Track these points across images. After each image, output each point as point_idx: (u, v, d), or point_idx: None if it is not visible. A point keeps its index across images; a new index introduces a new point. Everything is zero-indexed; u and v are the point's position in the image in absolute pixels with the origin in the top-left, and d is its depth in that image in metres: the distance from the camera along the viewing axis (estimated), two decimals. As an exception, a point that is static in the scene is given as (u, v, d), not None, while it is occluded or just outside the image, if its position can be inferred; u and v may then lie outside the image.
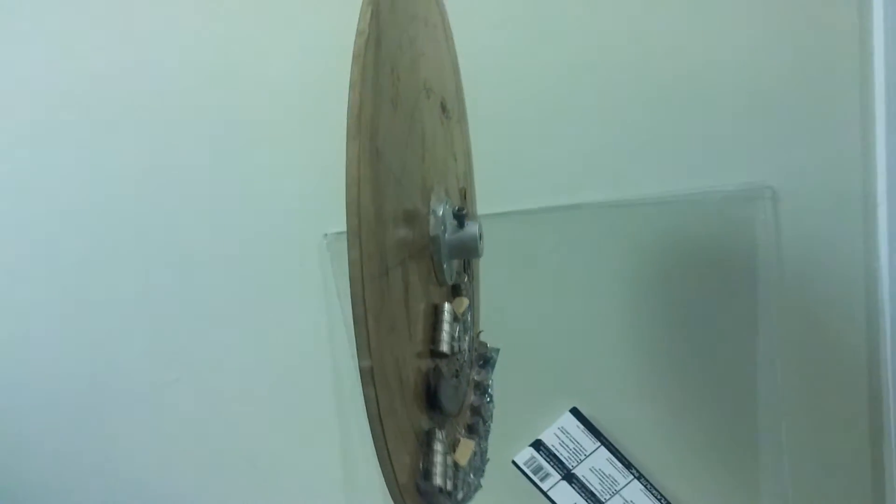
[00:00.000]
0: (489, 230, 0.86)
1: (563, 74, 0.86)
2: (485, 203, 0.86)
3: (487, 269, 0.87)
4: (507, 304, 0.89)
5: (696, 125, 0.85)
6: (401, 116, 0.47)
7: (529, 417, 0.92)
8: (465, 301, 0.57)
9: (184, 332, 0.96)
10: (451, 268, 0.55)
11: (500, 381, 0.72)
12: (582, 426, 0.92)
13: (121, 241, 0.94)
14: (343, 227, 0.90)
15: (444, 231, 0.53)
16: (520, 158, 0.88)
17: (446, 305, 0.52)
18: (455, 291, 0.60)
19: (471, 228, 0.54)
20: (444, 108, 0.60)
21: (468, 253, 0.54)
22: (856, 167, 0.83)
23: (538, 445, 0.92)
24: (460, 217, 0.54)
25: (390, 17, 0.45)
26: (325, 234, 0.91)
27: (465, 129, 0.76)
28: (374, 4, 0.41)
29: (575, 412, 0.92)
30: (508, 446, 0.92)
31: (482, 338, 0.75)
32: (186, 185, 0.92)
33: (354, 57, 0.39)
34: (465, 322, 0.57)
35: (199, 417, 0.97)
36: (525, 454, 0.92)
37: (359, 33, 0.39)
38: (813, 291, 0.86)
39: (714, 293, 0.87)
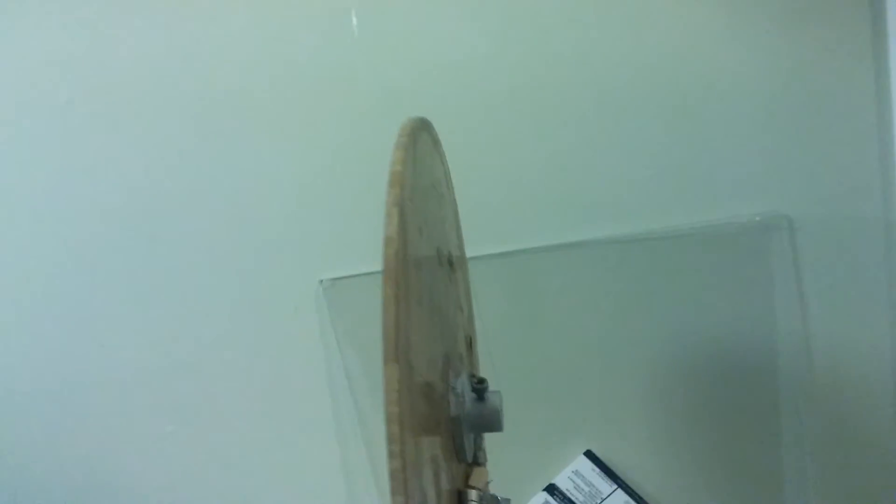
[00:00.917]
0: (490, 271, 0.83)
1: (567, 104, 0.82)
2: (484, 242, 0.83)
3: (492, 310, 0.83)
4: (514, 346, 0.85)
5: (706, 153, 0.81)
6: (425, 311, 0.43)
7: (542, 461, 0.89)
8: (485, 472, 0.54)
9: (176, 384, 0.91)
10: (470, 442, 0.52)
11: (511, 424, 0.68)
12: (597, 469, 0.88)
13: (108, 291, 0.89)
14: (340, 273, 0.86)
15: (464, 406, 0.50)
16: (520, 194, 0.84)
17: (473, 493, 0.48)
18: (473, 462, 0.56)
19: (492, 401, 0.51)
20: (450, 263, 0.57)
21: (490, 427, 0.51)
22: (876, 193, 0.80)
23: (552, 490, 0.89)
24: (480, 390, 0.51)
25: (412, 207, 0.41)
26: (321, 281, 0.87)
27: (466, 270, 0.71)
28: (399, 204, 0.37)
29: (589, 455, 0.88)
30: (521, 492, 0.89)
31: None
32: (176, 229, 0.88)
33: (386, 270, 0.36)
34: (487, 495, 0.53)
35: (194, 471, 0.93)
36: (538, 499, 0.89)
37: (387, 242, 0.36)
38: (835, 326, 0.82)
39: (729, 330, 0.84)
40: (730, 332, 0.84)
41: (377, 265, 0.87)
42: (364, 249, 0.86)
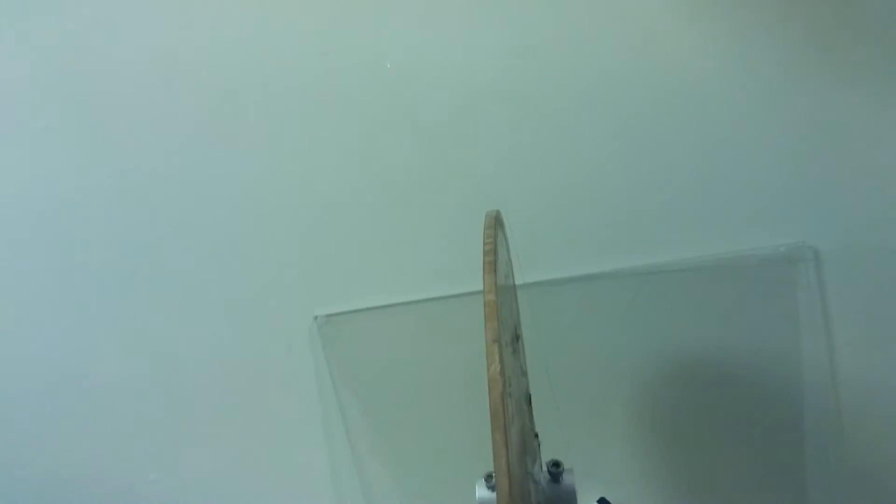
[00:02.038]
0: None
1: (584, 134, 0.77)
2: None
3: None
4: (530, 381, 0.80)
5: (727, 181, 0.76)
6: (516, 425, 0.43)
7: (552, 508, 0.83)
8: None
9: (164, 427, 0.86)
10: None
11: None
12: (611, 516, 0.82)
13: (97, 330, 0.84)
14: (336, 308, 0.81)
15: (541, 491, 0.47)
16: (538, 225, 0.79)
17: None
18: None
19: (567, 483, 0.50)
20: (517, 337, 0.55)
21: None
22: (905, 223, 0.75)
23: (563, 539, 0.83)
24: (556, 474, 0.51)
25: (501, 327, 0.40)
26: (316, 317, 0.81)
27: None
28: (498, 340, 0.37)
29: (603, 502, 0.82)
30: (530, 541, 0.83)
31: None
32: (165, 262, 0.82)
33: (493, 414, 0.36)
34: None
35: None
36: (549, 549, 0.83)
37: (492, 384, 0.36)
38: (862, 360, 0.77)
39: (754, 367, 0.78)
40: (754, 368, 0.78)
41: (374, 300, 0.82)
42: (361, 284, 0.81)
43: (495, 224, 0.45)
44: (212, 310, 0.83)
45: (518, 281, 0.77)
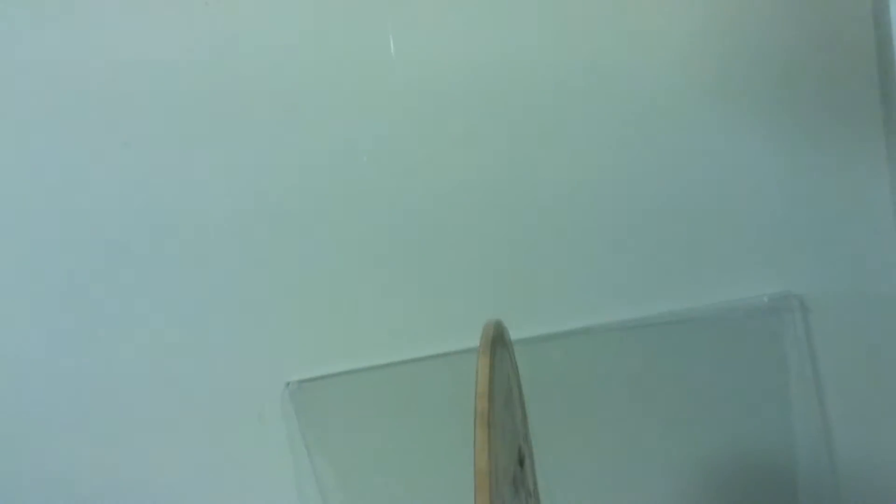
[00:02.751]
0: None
1: (565, 185, 0.74)
2: (477, 335, 0.75)
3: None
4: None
5: (710, 229, 0.74)
6: None
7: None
8: None
9: (129, 499, 0.82)
10: None
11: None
12: (602, 579, 0.79)
13: (57, 394, 0.80)
14: (309, 374, 0.77)
15: None
16: (516, 279, 0.76)
17: None
18: None
19: None
20: (521, 460, 0.53)
21: None
22: (892, 269, 0.73)
23: None
24: None
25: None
26: (288, 383, 0.78)
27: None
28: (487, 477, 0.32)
29: (593, 565, 0.79)
30: None
31: None
32: (125, 329, 0.79)
33: None
34: None
35: None
36: None
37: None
38: (857, 415, 0.75)
39: (741, 423, 0.76)
40: (741, 425, 0.76)
41: (348, 364, 0.79)
42: (334, 347, 0.77)
43: (490, 349, 0.38)
44: (177, 377, 0.79)
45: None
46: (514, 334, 0.76)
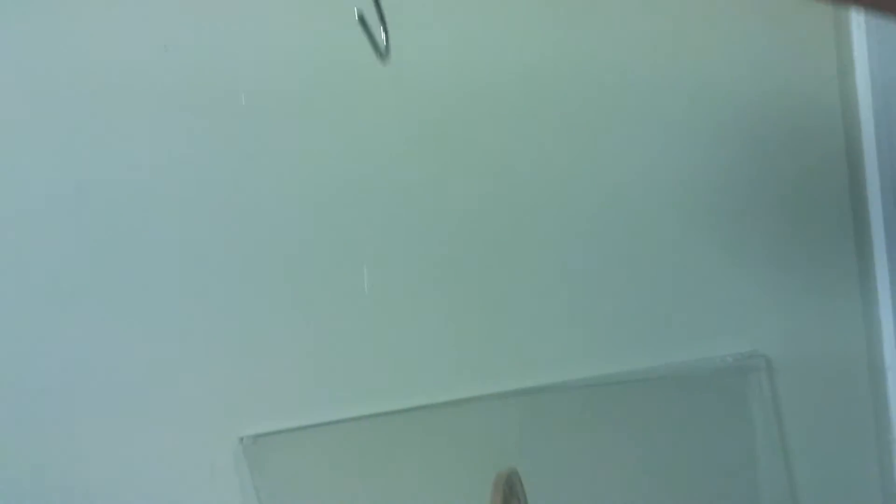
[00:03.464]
0: (444, 422, 0.73)
1: (531, 243, 0.73)
2: (440, 389, 0.73)
3: (451, 469, 0.73)
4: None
5: (675, 288, 0.73)
6: None
7: None
8: None
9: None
10: None
11: None
12: None
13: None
14: (263, 429, 0.75)
15: None
16: (481, 335, 0.74)
17: None
18: None
19: None
20: None
21: None
22: (858, 330, 0.72)
23: None
24: None
25: None
26: (241, 438, 0.75)
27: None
28: None
29: None
30: None
31: None
32: (76, 385, 0.75)
33: None
34: None
35: None
36: None
37: None
38: (820, 475, 0.74)
39: (706, 484, 0.74)
40: (709, 481, 0.74)
41: (305, 419, 0.76)
42: (290, 401, 0.75)
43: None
44: (127, 431, 0.75)
45: (450, 396, 0.73)
46: (474, 389, 0.75)
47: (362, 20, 0.36)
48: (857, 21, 0.69)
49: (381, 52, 0.37)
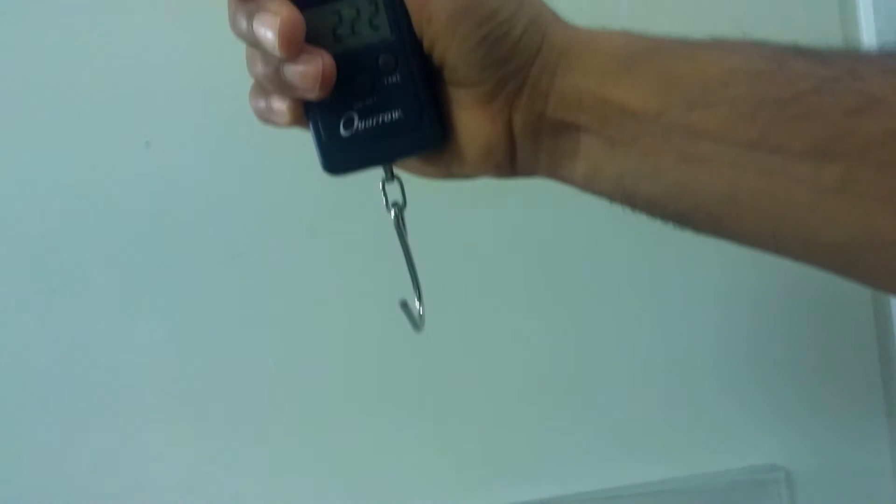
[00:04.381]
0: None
1: (540, 346, 0.69)
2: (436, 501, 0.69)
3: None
4: None
5: (689, 398, 0.69)
6: None
7: None
8: None
9: None
10: None
11: None
12: None
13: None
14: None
15: None
16: (482, 445, 0.70)
17: None
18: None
19: None
20: None
21: None
22: (881, 440, 0.69)
23: None
24: None
25: None
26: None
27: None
28: None
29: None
30: None
31: None
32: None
33: None
34: None
35: None
36: None
37: None
38: None
39: None
40: None
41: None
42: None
43: None
44: None
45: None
46: (478, 501, 0.70)
47: (405, 306, 0.35)
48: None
49: (417, 325, 0.35)
